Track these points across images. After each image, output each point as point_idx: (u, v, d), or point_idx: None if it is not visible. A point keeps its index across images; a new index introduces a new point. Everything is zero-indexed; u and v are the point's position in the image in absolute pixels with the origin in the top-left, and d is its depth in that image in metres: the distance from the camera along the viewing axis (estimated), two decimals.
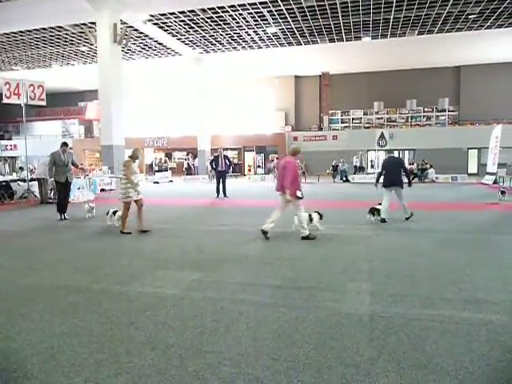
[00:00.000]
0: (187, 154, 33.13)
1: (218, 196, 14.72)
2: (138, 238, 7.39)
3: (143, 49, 26.34)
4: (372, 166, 29.45)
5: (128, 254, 6.17)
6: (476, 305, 3.82)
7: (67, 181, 9.75)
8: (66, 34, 23.10)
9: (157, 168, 29.87)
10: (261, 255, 5.89)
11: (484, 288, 4.29)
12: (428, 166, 23.17)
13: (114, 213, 8.45)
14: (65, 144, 9.85)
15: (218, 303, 3.93)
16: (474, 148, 28.05)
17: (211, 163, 15.59)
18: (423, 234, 7.45)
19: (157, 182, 24.09)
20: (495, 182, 19.61)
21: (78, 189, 14.23)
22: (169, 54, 27.38)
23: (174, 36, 23.79)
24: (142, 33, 22.91)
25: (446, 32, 23.24)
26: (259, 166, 33.25)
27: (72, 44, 24.98)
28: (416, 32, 23.26)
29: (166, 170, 28.60)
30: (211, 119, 30.39)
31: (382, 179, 9.19)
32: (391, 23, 21.69)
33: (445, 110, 32.16)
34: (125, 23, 20.31)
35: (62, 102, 35.23)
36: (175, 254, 6.08)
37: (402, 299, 3.98)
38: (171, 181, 25.65)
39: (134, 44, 24.98)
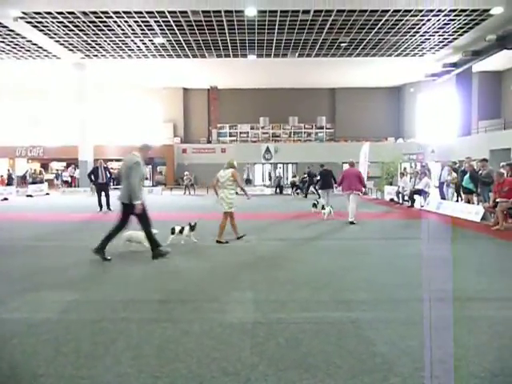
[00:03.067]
0: (67, 166, 30.80)
1: (100, 210, 13.90)
2: (4, 258, 6.59)
3: (14, 48, 23.80)
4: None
5: None
6: (346, 305, 4.21)
7: None
8: None
9: (31, 180, 27.12)
10: (144, 270, 5.71)
11: (353, 289, 4.75)
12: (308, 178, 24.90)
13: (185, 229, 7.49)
14: (148, 147, 6.71)
15: (97, 324, 3.70)
16: (348, 163, 30.98)
17: (89, 175, 14.62)
18: (302, 242, 7.98)
19: (30, 196, 21.87)
20: (365, 193, 21.84)
21: None
22: (45, 56, 25.18)
23: (51, 38, 21.99)
24: (12, 30, 20.70)
25: (322, 56, 25.45)
26: (147, 178, 32.25)
27: None
28: (296, 54, 25.04)
29: (41, 181, 26.11)
30: (94, 129, 28.65)
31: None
32: (274, 44, 23.03)
33: (323, 128, 35.05)
34: None
35: None
36: (50, 274, 5.58)
37: (282, 305, 4.20)
38: (48, 194, 23.54)
39: (3, 42, 22.51)
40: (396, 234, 9.18)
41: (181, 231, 7.43)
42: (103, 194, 14.07)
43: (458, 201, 14.00)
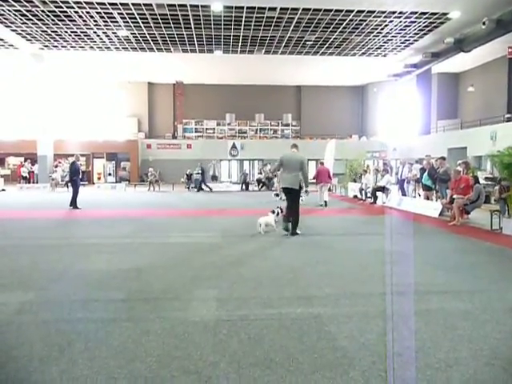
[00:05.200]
0: (25, 160, 29.59)
1: (78, 207, 13.33)
2: None
3: None
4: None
5: None
6: (308, 300, 4.24)
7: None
8: None
9: None
10: (105, 268, 5.54)
11: (316, 284, 4.80)
12: (272, 175, 25.08)
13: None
14: (297, 145, 8.84)
15: (53, 325, 3.55)
16: (313, 159, 31.34)
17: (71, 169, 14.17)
18: (266, 239, 7.99)
19: None
20: (329, 189, 22.18)
21: None
22: (1, 45, 24.02)
23: (7, 26, 20.98)
24: None
25: (288, 54, 25.61)
26: (110, 174, 31.48)
27: None
28: (263, 51, 25.07)
29: None
30: (55, 122, 27.63)
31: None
32: (241, 40, 22.96)
33: (288, 125, 35.32)
34: None
35: None
36: (2, 273, 5.32)
37: (245, 302, 4.19)
38: (3, 190, 22.56)
39: None
40: (359, 230, 9.38)
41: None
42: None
43: (419, 195, 14.51)
